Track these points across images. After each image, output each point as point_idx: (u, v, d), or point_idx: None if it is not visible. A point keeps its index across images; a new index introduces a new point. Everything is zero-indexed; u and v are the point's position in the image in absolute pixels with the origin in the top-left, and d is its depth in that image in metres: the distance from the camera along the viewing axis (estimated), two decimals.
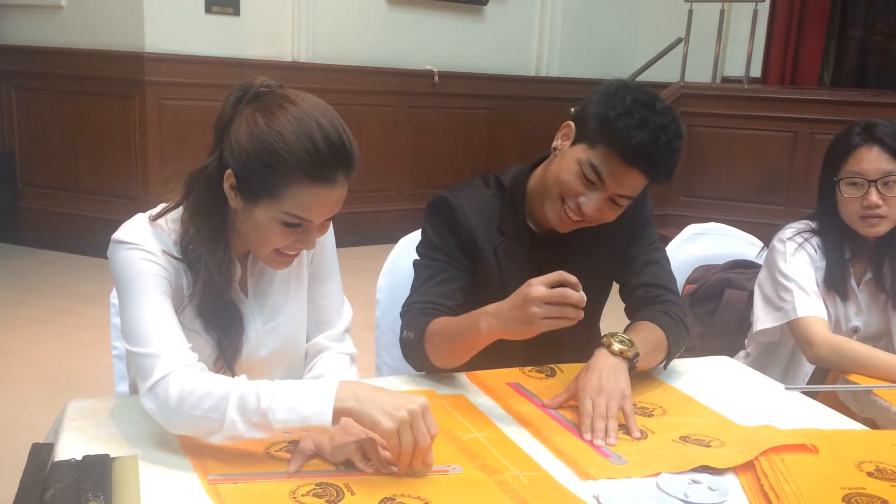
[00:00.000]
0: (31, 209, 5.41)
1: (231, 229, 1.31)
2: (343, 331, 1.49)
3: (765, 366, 2.00)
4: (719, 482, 1.19)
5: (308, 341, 1.48)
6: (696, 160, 5.80)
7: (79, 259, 5.00)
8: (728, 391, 1.60)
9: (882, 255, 1.98)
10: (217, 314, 1.32)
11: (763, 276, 2.01)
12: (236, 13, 5.25)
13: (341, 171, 1.22)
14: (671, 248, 2.23)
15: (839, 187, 1.91)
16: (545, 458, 1.25)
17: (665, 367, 1.63)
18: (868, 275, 2.01)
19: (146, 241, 1.26)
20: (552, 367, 1.64)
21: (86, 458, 1.12)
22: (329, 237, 1.49)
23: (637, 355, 1.47)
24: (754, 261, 2.23)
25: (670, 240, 2.31)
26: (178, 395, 1.16)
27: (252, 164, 1.20)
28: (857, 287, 1.99)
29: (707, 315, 2.23)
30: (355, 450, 1.18)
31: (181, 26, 5.05)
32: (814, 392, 1.69)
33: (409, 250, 1.89)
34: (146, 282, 1.24)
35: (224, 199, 1.26)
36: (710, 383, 1.63)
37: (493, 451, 1.26)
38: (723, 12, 6.34)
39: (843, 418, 1.51)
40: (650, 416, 1.44)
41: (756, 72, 6.92)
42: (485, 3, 6.44)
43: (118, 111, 5.07)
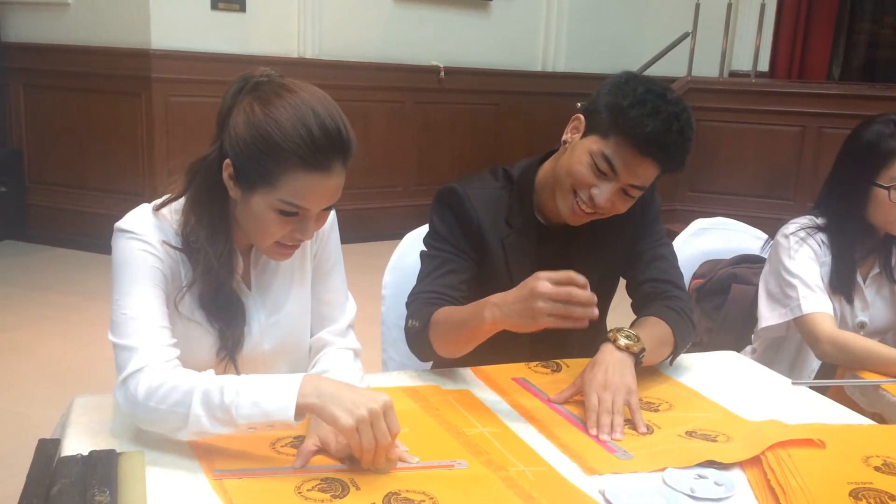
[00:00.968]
0: (38, 206, 5.42)
1: (232, 221, 1.31)
2: (346, 326, 1.49)
3: (771, 361, 2.00)
4: (725, 477, 1.19)
5: (311, 336, 1.48)
6: (704, 155, 5.78)
7: (86, 256, 5.01)
8: (734, 386, 1.60)
9: (889, 248, 1.97)
10: (219, 305, 1.32)
11: (767, 272, 2.00)
12: (242, 10, 5.25)
13: (337, 159, 1.22)
14: (678, 243, 2.23)
15: (878, 191, 1.86)
16: (551, 454, 1.25)
17: (671, 363, 1.63)
18: (875, 269, 2.00)
19: (146, 230, 1.27)
20: (558, 362, 1.64)
21: (92, 453, 1.12)
22: (333, 232, 1.49)
23: (643, 350, 1.46)
24: (761, 255, 2.22)
25: (677, 234, 2.30)
26: (146, 389, 1.16)
27: (248, 151, 1.20)
28: (864, 283, 1.99)
29: (714, 310, 2.22)
30: None
31: (187, 23, 5.05)
32: (823, 387, 1.68)
33: (415, 246, 1.89)
34: (139, 273, 1.25)
35: (225, 190, 1.27)
36: (717, 378, 1.63)
37: (499, 447, 1.26)
38: (730, 6, 6.32)
39: (851, 413, 1.50)
40: (656, 410, 1.44)
41: (764, 66, 6.89)
42: None
43: (125, 108, 5.08)
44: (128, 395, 1.18)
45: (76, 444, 1.17)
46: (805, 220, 1.99)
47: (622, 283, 1.78)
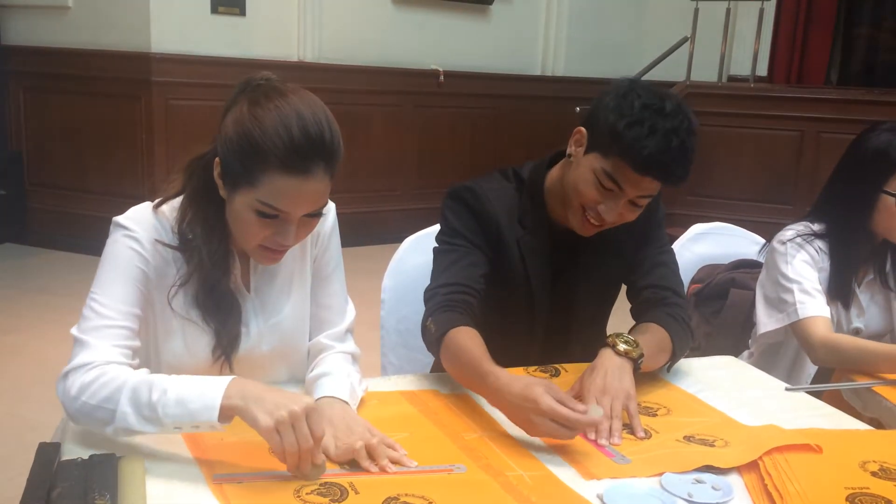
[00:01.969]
0: (38, 209, 5.42)
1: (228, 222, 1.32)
2: (345, 330, 1.49)
3: (769, 366, 2.00)
4: (723, 482, 1.19)
5: (310, 340, 1.48)
6: (702, 159, 5.69)
7: (86, 259, 5.00)
8: (732, 391, 1.60)
9: (884, 255, 1.98)
10: (214, 304, 1.33)
11: (764, 278, 2.00)
12: (242, 13, 5.26)
13: (318, 164, 1.21)
14: (676, 248, 2.22)
15: (886, 199, 1.86)
16: (549, 458, 1.25)
17: (668, 369, 1.63)
18: (870, 275, 2.00)
19: (140, 228, 1.28)
20: (557, 366, 1.64)
21: (92, 457, 1.13)
22: (334, 236, 1.49)
23: (642, 356, 1.47)
24: (759, 260, 2.22)
25: (676, 239, 2.31)
26: (80, 384, 1.17)
27: (232, 150, 1.22)
28: (859, 288, 1.99)
29: (712, 314, 2.23)
30: (359, 449, 1.18)
31: (188, 26, 5.06)
32: (818, 391, 1.69)
33: (414, 250, 1.90)
34: (119, 270, 1.27)
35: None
36: (715, 383, 1.63)
37: (497, 451, 1.26)
38: (729, 10, 6.32)
39: (848, 418, 1.51)
40: (654, 415, 1.44)
41: (762, 70, 6.89)
42: (490, 3, 6.44)
43: (125, 111, 5.08)
44: (64, 389, 1.19)
45: (76, 448, 1.18)
46: (801, 226, 1.98)
47: (622, 288, 1.78)
